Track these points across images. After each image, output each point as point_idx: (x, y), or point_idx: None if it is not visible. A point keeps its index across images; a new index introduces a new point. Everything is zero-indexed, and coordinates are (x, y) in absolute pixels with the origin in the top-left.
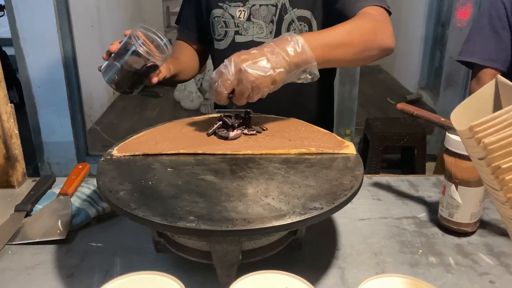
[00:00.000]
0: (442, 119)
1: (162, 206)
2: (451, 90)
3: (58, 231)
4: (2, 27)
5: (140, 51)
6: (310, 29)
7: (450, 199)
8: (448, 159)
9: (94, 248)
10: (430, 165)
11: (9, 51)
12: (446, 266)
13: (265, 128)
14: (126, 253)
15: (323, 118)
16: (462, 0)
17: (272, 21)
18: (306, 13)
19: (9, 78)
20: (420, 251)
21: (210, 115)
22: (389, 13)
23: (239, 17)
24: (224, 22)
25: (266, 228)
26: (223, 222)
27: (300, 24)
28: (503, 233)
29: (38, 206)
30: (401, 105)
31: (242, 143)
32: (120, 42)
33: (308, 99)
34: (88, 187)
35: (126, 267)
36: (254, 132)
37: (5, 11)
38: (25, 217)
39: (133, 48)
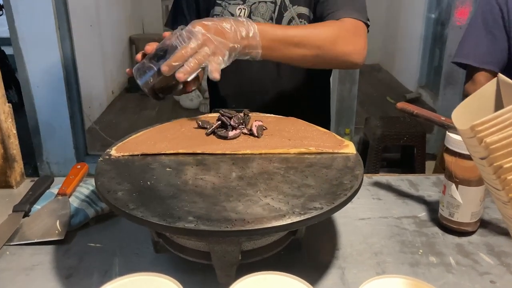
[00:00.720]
0: (443, 118)
1: (161, 207)
2: (451, 88)
3: (57, 232)
4: (1, 26)
5: None
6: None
7: (450, 198)
8: (448, 158)
9: (93, 248)
10: (429, 164)
11: (8, 50)
12: (447, 266)
13: (264, 128)
14: (125, 253)
15: (320, 117)
16: None
17: (271, 18)
18: (305, 10)
19: (8, 78)
20: (421, 251)
21: (209, 115)
22: (367, 25)
23: (239, 15)
24: None
25: (265, 229)
26: (222, 223)
27: (300, 21)
28: (503, 232)
29: (37, 207)
30: (401, 104)
31: (241, 143)
32: (157, 44)
33: (305, 97)
34: (86, 187)
35: (125, 267)
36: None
37: (3, 10)
38: (23, 217)
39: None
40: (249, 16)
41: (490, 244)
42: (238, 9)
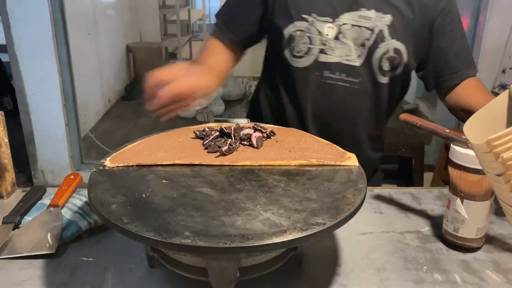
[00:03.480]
0: (447, 130)
1: (156, 221)
2: None
3: (48, 245)
4: None
5: None
6: (400, 62)
7: (455, 213)
8: (453, 171)
9: (85, 262)
10: (427, 176)
11: (4, 57)
12: (452, 283)
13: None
14: (118, 268)
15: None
16: None
17: (363, 45)
18: (401, 47)
19: (4, 85)
20: (425, 267)
21: (207, 124)
22: None
23: (326, 34)
24: (309, 37)
25: (266, 245)
26: (220, 238)
27: (393, 57)
28: (509, 248)
29: (27, 218)
30: (404, 116)
31: (240, 154)
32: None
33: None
34: (79, 199)
35: (118, 283)
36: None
37: None
38: (13, 229)
39: None
40: (336, 37)
41: (496, 260)
42: (327, 27)
